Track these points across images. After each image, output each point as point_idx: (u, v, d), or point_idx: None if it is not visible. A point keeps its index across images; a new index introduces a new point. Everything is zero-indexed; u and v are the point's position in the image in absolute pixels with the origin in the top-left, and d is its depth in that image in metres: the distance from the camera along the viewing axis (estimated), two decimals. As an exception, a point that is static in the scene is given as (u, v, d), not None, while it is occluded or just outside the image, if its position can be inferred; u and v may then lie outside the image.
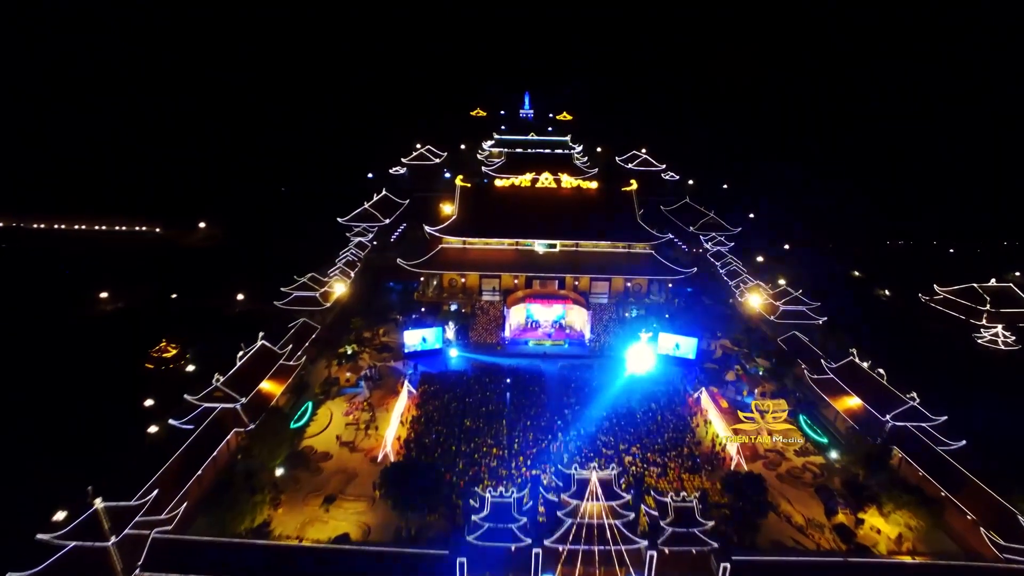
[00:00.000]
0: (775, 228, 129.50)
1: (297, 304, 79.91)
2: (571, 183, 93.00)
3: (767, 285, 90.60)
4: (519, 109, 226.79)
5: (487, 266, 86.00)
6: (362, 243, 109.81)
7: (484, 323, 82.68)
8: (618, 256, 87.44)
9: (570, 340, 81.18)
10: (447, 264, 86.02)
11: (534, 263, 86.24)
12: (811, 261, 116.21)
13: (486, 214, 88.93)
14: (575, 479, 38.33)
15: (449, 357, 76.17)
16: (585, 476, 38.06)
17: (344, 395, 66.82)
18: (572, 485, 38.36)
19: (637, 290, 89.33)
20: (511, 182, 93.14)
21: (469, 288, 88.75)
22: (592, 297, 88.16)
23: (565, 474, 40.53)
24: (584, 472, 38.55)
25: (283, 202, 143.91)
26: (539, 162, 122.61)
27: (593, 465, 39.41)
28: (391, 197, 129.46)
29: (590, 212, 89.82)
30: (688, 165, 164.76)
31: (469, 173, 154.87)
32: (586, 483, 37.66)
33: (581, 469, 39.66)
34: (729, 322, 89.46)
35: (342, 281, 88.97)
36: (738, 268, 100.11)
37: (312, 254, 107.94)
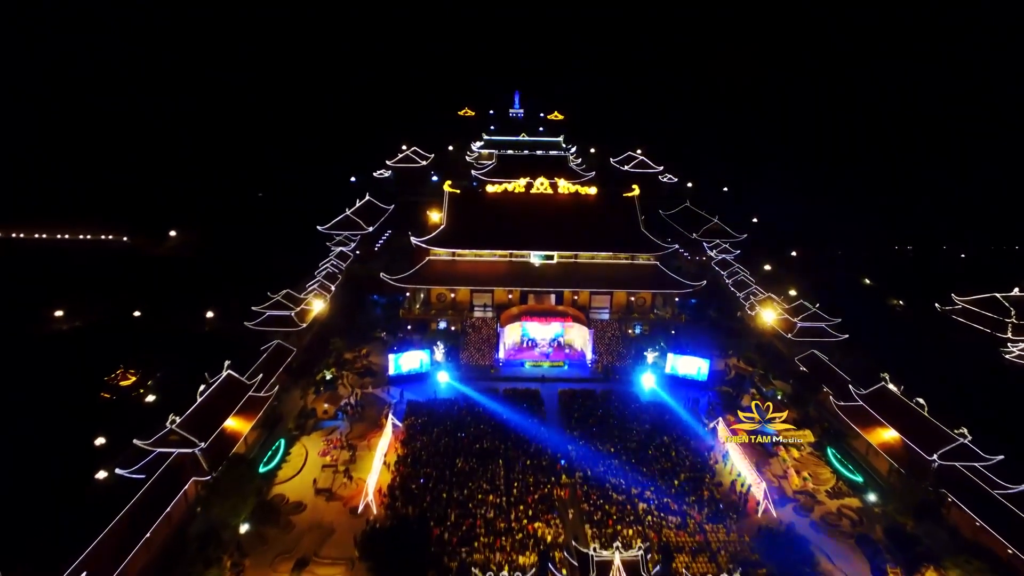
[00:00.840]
0: (780, 234, 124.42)
1: (270, 325, 73.20)
2: (568, 188, 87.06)
3: (780, 298, 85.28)
4: (508, 108, 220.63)
5: (479, 280, 79.85)
6: (344, 253, 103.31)
7: (476, 342, 76.53)
8: (620, 268, 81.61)
9: (570, 360, 75.34)
10: (435, 278, 79.76)
11: (529, 276, 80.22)
12: (820, 269, 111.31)
13: (477, 223, 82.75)
14: (594, 561, 32.21)
15: (438, 382, 70.08)
16: (607, 558, 32.02)
17: (321, 429, 60.38)
18: (591, 570, 32.15)
19: (641, 304, 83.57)
20: (504, 187, 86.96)
21: (459, 303, 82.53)
22: (592, 312, 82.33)
23: (581, 552, 34.31)
24: (605, 553, 32.49)
25: (261, 208, 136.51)
26: (532, 165, 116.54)
27: (616, 545, 33.28)
28: (375, 202, 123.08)
29: (589, 220, 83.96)
30: (686, 166, 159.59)
31: (458, 176, 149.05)
32: (608, 567, 31.62)
33: (601, 549, 33.41)
34: (739, 338, 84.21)
35: (321, 297, 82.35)
36: (746, 278, 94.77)
37: (290, 265, 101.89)
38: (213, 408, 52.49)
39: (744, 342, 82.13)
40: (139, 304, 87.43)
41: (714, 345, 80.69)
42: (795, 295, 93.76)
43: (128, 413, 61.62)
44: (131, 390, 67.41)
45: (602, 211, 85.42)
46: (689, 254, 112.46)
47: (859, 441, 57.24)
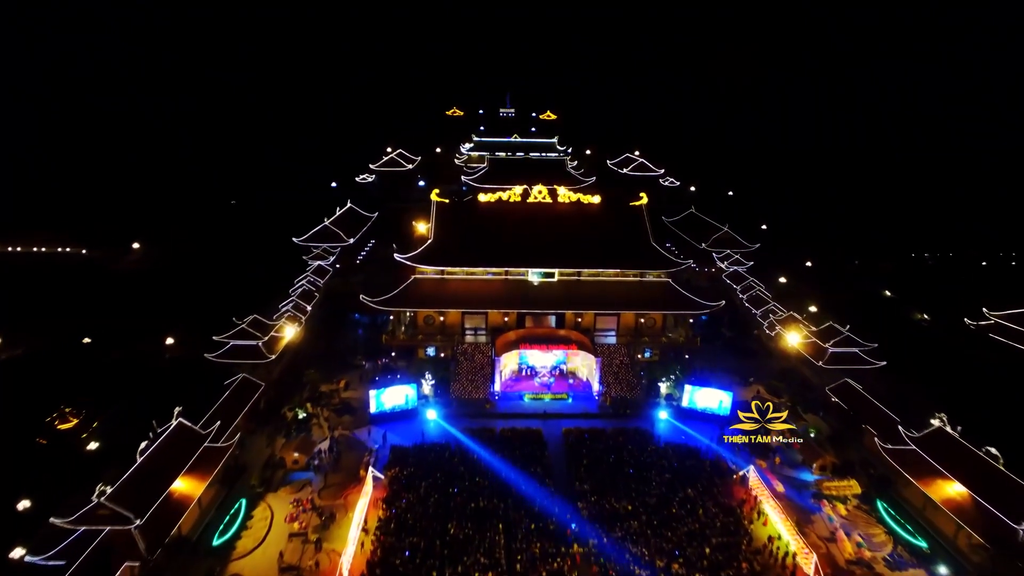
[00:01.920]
0: (791, 241, 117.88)
1: (235, 356, 65.03)
2: (569, 197, 79.56)
3: (802, 316, 78.41)
4: (499, 108, 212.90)
5: (471, 301, 72.17)
6: (322, 267, 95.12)
7: (469, 372, 68.90)
8: (628, 286, 74.21)
9: (574, 392, 67.90)
10: (421, 299, 71.94)
11: (527, 296, 72.62)
12: (837, 280, 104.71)
13: (468, 237, 75.05)
14: None
15: (426, 420, 62.38)
16: None
17: (290, 483, 52.47)
18: None
19: (651, 326, 76.25)
20: (498, 196, 79.29)
21: (450, 327, 74.79)
22: (597, 336, 74.96)
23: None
24: None
25: (233, 217, 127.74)
26: (527, 169, 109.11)
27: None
28: (357, 210, 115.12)
29: (593, 233, 76.51)
30: (685, 167, 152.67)
31: (446, 180, 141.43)
32: None
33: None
34: (756, 360, 77.38)
35: (294, 321, 74.24)
36: (762, 293, 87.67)
37: (263, 282, 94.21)
38: (157, 469, 44.41)
39: (764, 366, 75.24)
40: (90, 328, 78.83)
41: (731, 370, 73.81)
42: (815, 311, 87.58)
43: (64, 465, 53.51)
44: (72, 435, 59.08)
45: (607, 222, 78.01)
46: (697, 266, 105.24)
47: (910, 489, 50.21)
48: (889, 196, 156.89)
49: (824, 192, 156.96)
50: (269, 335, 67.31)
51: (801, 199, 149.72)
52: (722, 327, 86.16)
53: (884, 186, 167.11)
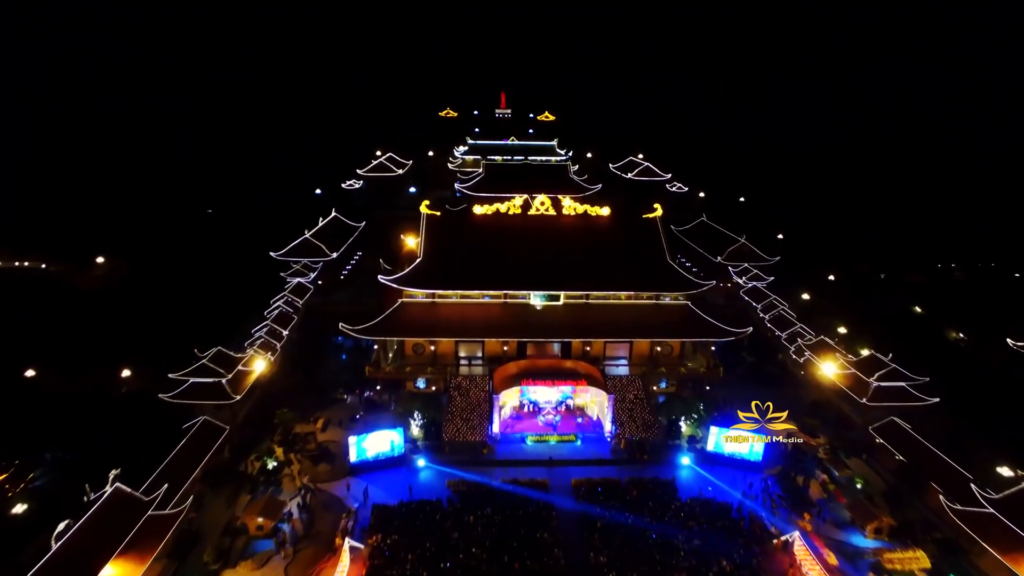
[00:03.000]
0: (811, 252, 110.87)
1: (195, 396, 57.18)
2: (575, 209, 72.14)
3: (831, 338, 71.29)
4: (495, 108, 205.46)
5: (465, 329, 64.63)
6: (302, 285, 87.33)
7: (463, 410, 61.35)
8: (643, 310, 66.76)
9: (583, 433, 60.52)
10: (409, 327, 64.34)
11: (529, 323, 65.09)
12: (863, 296, 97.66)
13: (462, 255, 67.54)
14: None
15: (415, 468, 54.91)
16: None
17: (253, 556, 44.76)
18: None
19: (667, 354, 68.85)
20: (495, 208, 71.76)
21: (442, 356, 67.25)
22: (607, 365, 67.64)
23: None
24: None
25: (209, 228, 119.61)
26: (526, 175, 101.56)
27: None
28: (342, 219, 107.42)
29: (603, 250, 69.20)
30: (691, 171, 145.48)
31: (439, 186, 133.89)
32: None
33: None
34: (785, 391, 70.15)
35: (267, 352, 66.46)
36: (786, 312, 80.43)
37: (238, 302, 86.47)
38: (82, 551, 36.59)
39: (791, 396, 68.10)
40: (36, 357, 70.79)
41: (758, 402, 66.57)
42: (845, 332, 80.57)
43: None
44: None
45: (618, 238, 70.65)
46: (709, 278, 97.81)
47: (988, 560, 42.87)
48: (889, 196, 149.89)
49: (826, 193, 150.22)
50: (235, 370, 59.46)
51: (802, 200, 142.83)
52: (743, 351, 78.94)
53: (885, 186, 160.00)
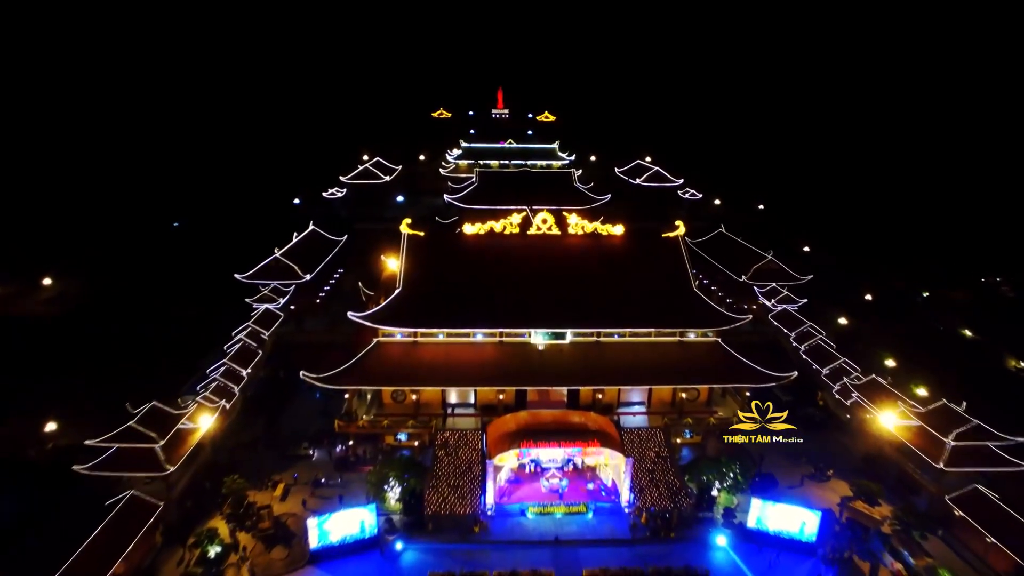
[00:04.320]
0: (843, 266, 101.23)
1: (120, 466, 47.30)
2: (583, 227, 62.35)
3: (881, 374, 61.90)
4: (491, 108, 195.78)
5: (453, 375, 54.99)
6: (270, 313, 77.46)
7: (451, 474, 51.72)
8: (665, 350, 57.03)
9: (596, 502, 50.82)
10: (385, 372, 54.64)
11: (530, 366, 55.40)
12: (905, 318, 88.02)
13: (449, 285, 57.83)
14: None
15: (393, 554, 45.30)
16: None
17: None
18: None
19: (692, 399, 59.11)
20: (489, 226, 61.94)
21: (426, 405, 57.59)
22: (621, 412, 58.36)
23: None
24: None
25: (173, 244, 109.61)
26: (525, 184, 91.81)
27: None
28: (321, 233, 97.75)
29: (617, 277, 59.58)
30: (701, 174, 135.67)
31: (431, 192, 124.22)
32: None
33: None
34: (828, 438, 61.01)
35: (221, 398, 56.60)
36: (824, 343, 70.64)
37: (197, 334, 77.67)
38: None
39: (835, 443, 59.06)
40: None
41: (794, 453, 57.08)
42: (893, 364, 71.15)
43: None
44: None
45: (634, 262, 60.97)
46: (732, 300, 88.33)
47: None
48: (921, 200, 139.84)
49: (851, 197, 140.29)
50: (173, 431, 49.52)
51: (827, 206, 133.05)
52: (775, 388, 69.15)
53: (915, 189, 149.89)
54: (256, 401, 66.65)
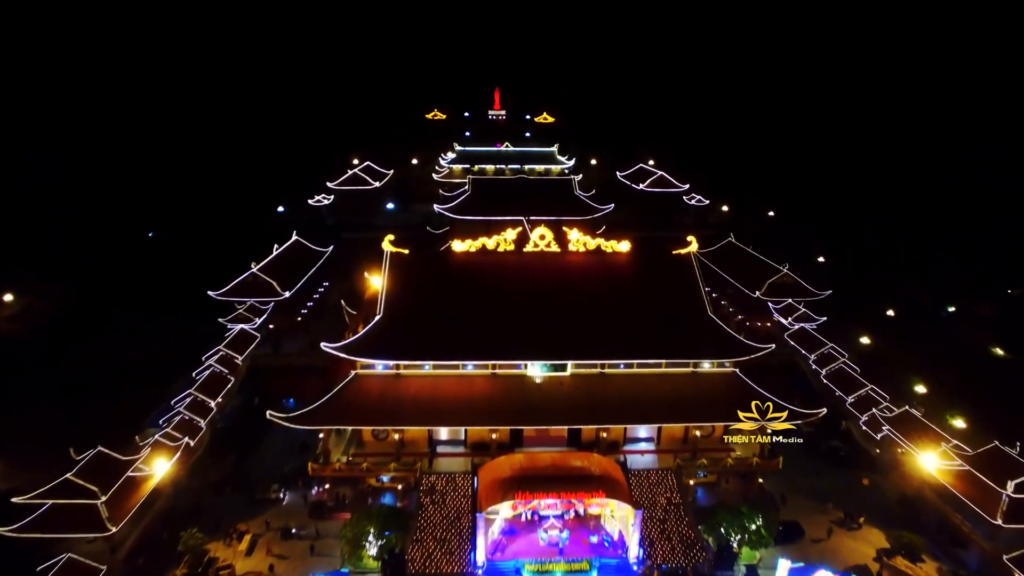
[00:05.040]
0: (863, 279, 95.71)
1: (57, 524, 41.68)
2: (585, 244, 56.91)
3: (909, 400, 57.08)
4: (487, 109, 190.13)
5: (439, 412, 49.27)
6: (246, 334, 71.90)
7: (436, 526, 46.36)
8: (678, 383, 51.62)
9: (601, 557, 45.38)
10: (363, 410, 49.18)
11: (526, 401, 49.97)
12: (930, 333, 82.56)
13: (436, 310, 52.38)
14: None
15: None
16: None
17: None
18: None
19: (707, 435, 53.61)
20: (482, 243, 56.45)
21: (410, 443, 52.15)
22: (627, 451, 52.89)
23: None
24: None
25: (148, 257, 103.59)
26: (522, 193, 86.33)
27: None
28: (304, 244, 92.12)
29: (623, 300, 54.18)
30: (707, 178, 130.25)
31: (423, 198, 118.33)
32: None
33: None
34: (855, 476, 55.72)
35: (176, 443, 50.99)
36: (848, 368, 65.18)
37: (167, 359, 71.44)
38: None
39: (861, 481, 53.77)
40: None
41: (817, 493, 52.12)
42: (923, 391, 65.84)
43: None
44: None
45: (642, 283, 55.58)
46: (744, 317, 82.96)
47: None
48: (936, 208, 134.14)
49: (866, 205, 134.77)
50: (120, 481, 43.94)
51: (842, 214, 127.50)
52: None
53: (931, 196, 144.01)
54: (226, 434, 61.34)
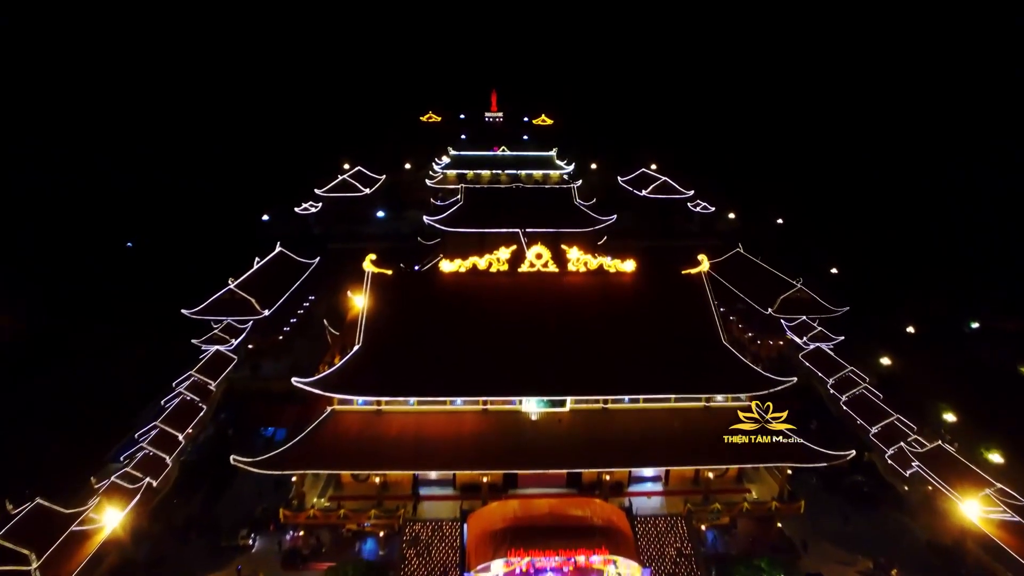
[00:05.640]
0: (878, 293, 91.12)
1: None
2: (586, 263, 52.35)
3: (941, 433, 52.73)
4: (484, 111, 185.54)
5: (424, 454, 44.59)
6: (222, 356, 67.48)
7: (421, 582, 41.48)
8: (689, 419, 46.99)
9: (604, 620, 40.54)
10: (340, 452, 44.56)
11: (520, 441, 45.41)
12: (953, 351, 77.98)
13: (422, 340, 47.81)
14: None
15: None
16: None
17: None
18: None
19: (720, 475, 49.07)
20: (472, 263, 51.86)
21: (394, 485, 47.50)
22: (633, 494, 47.89)
23: None
24: None
25: (124, 270, 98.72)
26: (518, 203, 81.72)
27: None
28: (288, 255, 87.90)
29: (629, 327, 49.38)
30: (713, 182, 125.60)
31: (416, 206, 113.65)
32: None
33: None
34: (886, 517, 51.33)
35: (135, 484, 46.46)
36: (870, 394, 60.65)
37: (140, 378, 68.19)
38: None
39: (893, 524, 49.19)
40: None
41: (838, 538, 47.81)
42: (954, 420, 61.31)
43: None
44: None
45: (649, 305, 50.92)
46: (754, 335, 78.55)
47: None
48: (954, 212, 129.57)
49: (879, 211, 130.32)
50: (65, 535, 39.30)
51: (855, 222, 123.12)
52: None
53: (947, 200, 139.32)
54: (195, 469, 56.62)
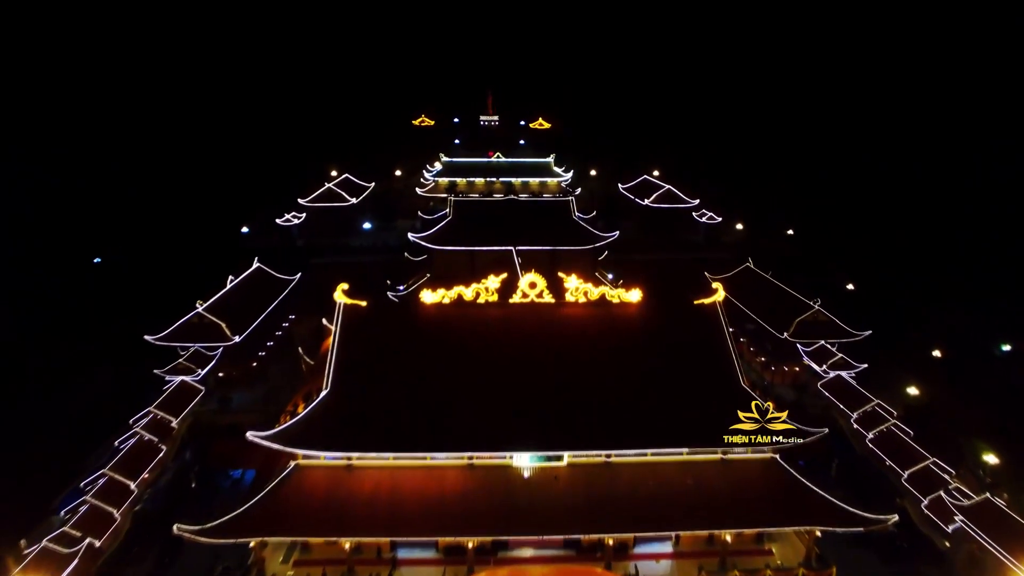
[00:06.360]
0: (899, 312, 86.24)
1: None
2: (585, 292, 47.02)
3: (983, 479, 47.78)
4: (479, 115, 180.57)
5: (400, 518, 39.14)
6: (187, 387, 62.09)
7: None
8: (703, 474, 41.69)
9: None
10: (305, 513, 39.16)
11: (511, 500, 40.08)
12: (986, 375, 72.99)
13: (399, 383, 42.38)
14: None
15: None
16: None
17: None
18: None
19: (738, 534, 43.64)
20: (458, 293, 46.56)
21: (368, 547, 41.97)
22: (640, 558, 42.54)
23: None
24: None
25: (88, 288, 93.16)
26: (512, 218, 75.98)
27: None
28: (267, 272, 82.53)
29: (635, 367, 44.02)
30: (719, 191, 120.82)
31: (407, 215, 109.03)
32: None
33: None
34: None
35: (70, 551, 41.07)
36: (899, 432, 55.45)
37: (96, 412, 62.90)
38: None
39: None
40: None
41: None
42: (997, 462, 56.02)
43: None
44: None
45: (657, 342, 45.53)
46: (768, 360, 73.41)
47: None
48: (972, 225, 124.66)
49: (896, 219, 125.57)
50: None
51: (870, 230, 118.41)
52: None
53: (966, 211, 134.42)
54: (150, 521, 51.19)
